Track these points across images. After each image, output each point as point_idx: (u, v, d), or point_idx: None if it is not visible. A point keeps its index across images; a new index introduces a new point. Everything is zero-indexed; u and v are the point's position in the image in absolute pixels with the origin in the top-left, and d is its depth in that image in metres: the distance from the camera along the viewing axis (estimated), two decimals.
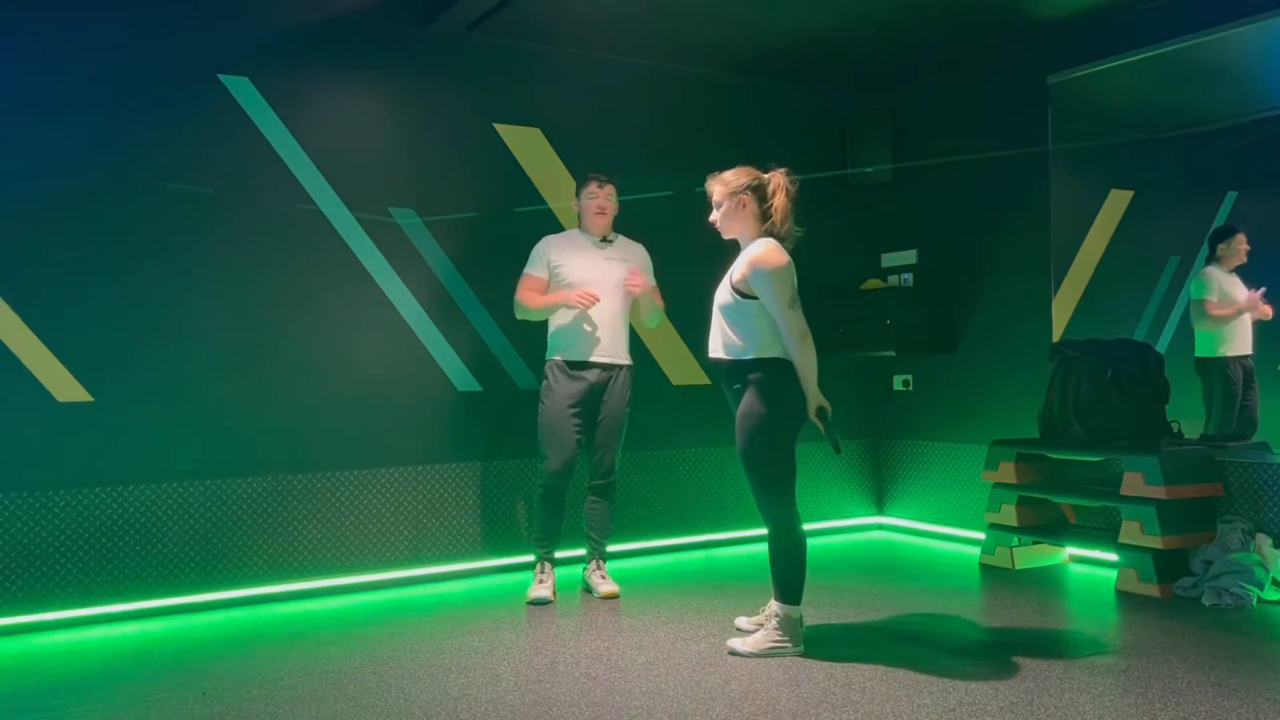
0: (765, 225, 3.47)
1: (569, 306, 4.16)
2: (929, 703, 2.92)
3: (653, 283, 4.40)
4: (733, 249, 3.57)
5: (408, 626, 3.88)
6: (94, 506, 4.04)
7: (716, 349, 3.50)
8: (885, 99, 5.80)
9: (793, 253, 3.44)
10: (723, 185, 3.50)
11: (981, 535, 5.03)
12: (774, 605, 3.45)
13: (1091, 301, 4.99)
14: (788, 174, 3.49)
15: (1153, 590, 4.15)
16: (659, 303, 4.40)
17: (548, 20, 4.70)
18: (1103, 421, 4.52)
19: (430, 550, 4.69)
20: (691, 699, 2.98)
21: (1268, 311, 4.40)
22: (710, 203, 3.55)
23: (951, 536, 5.52)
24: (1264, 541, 4.11)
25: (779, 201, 3.44)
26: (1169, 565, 4.18)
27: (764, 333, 3.38)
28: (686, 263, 4.73)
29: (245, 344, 4.31)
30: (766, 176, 3.49)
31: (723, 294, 3.47)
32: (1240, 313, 4.48)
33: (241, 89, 4.31)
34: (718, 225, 3.56)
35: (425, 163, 4.72)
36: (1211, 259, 4.60)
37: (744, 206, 3.47)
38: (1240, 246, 4.53)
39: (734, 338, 3.42)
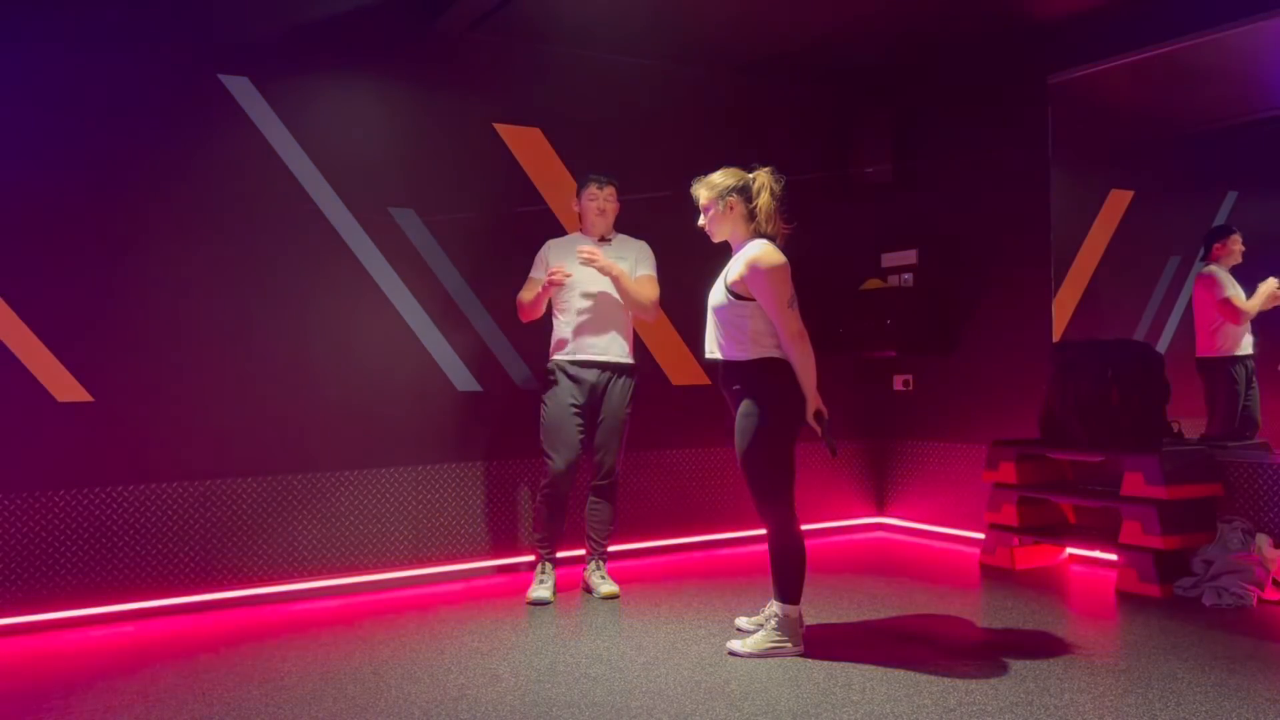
0: (753, 225, 3.45)
1: (553, 284, 4.18)
2: (929, 703, 2.92)
3: (650, 273, 4.38)
4: (729, 248, 3.56)
5: (408, 626, 3.88)
6: (94, 506, 4.04)
7: (713, 349, 3.49)
8: (885, 99, 5.79)
9: (788, 252, 3.42)
10: (708, 189, 3.48)
11: (981, 535, 5.03)
12: (774, 605, 3.45)
13: (1091, 301, 4.99)
14: (773, 172, 3.47)
15: (1153, 590, 4.15)
16: (649, 292, 4.28)
17: (548, 20, 4.70)
18: (1103, 421, 4.52)
19: (430, 550, 4.69)
20: (691, 699, 2.98)
21: None
22: (698, 207, 3.54)
23: (951, 536, 5.52)
24: (1264, 541, 4.11)
25: (762, 201, 3.42)
26: (1169, 565, 4.18)
27: (761, 334, 3.37)
28: (686, 262, 4.72)
29: (245, 344, 4.31)
30: (751, 176, 3.47)
31: (717, 295, 3.45)
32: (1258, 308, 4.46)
33: (241, 89, 4.31)
34: (706, 229, 3.54)
35: (425, 163, 4.71)
36: (1210, 259, 4.60)
37: (731, 209, 3.45)
38: (1236, 246, 4.53)
39: (730, 339, 3.41)
